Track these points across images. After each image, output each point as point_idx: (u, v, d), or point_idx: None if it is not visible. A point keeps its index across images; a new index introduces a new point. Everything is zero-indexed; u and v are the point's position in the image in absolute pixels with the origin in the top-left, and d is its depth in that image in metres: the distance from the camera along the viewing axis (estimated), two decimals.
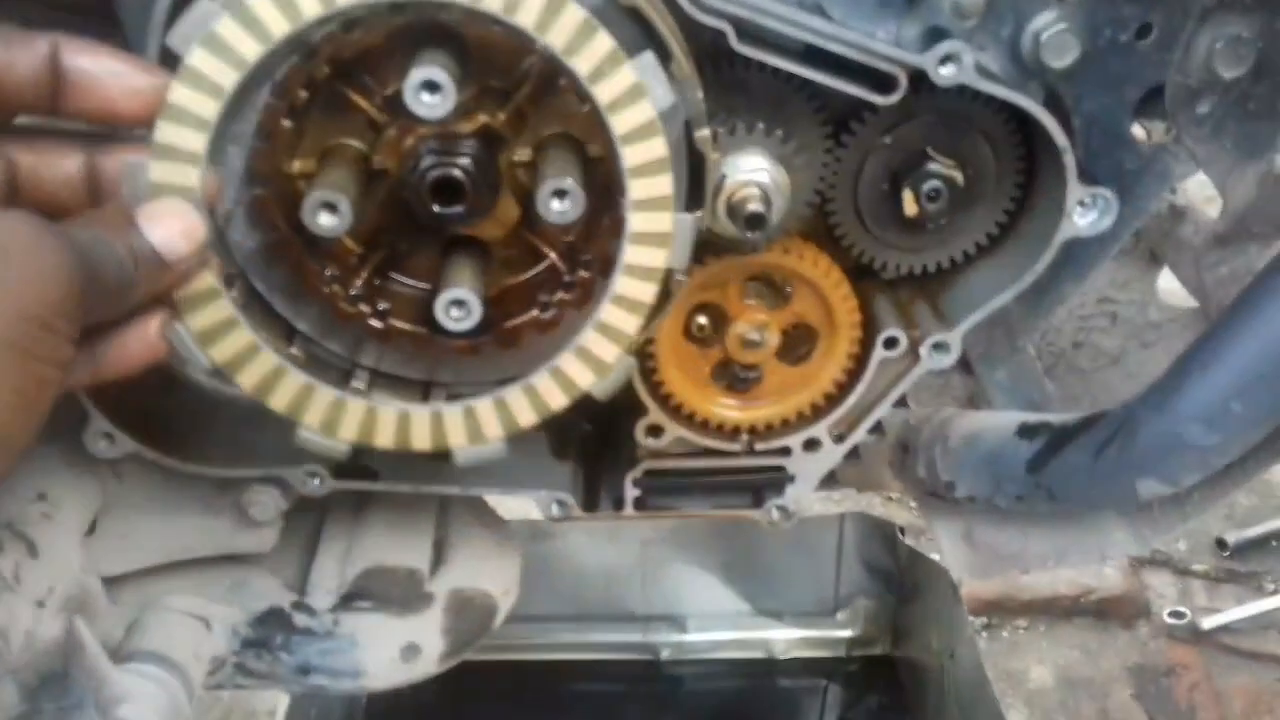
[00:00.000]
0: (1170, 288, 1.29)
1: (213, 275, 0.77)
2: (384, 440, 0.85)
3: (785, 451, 1.10)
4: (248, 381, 0.81)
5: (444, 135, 0.81)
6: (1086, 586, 2.71)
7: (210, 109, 0.73)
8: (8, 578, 0.91)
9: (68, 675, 0.95)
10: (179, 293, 0.76)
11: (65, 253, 0.65)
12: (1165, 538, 1.12)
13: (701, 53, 0.86)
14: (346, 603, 1.12)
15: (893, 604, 2.44)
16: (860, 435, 1.09)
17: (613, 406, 1.13)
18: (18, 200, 0.72)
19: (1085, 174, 0.93)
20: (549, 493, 1.09)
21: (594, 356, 0.83)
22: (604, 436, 1.16)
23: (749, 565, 2.43)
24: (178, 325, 0.77)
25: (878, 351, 1.03)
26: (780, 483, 1.12)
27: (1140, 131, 0.99)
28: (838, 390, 1.07)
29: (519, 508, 1.42)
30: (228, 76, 0.73)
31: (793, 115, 0.94)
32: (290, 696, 2.01)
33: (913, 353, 1.03)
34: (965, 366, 1.19)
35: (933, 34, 0.88)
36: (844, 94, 0.89)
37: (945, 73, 0.87)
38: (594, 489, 1.14)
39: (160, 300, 0.74)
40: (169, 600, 1.09)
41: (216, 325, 0.79)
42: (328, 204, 0.76)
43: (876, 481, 1.24)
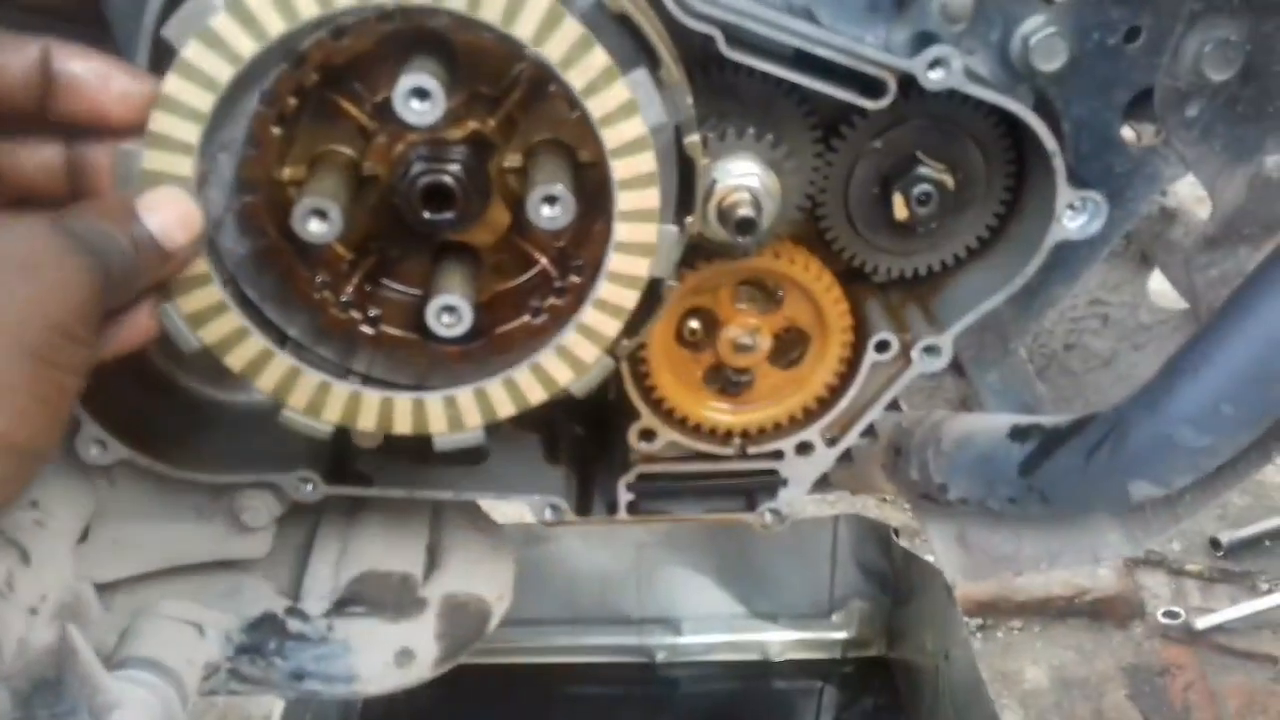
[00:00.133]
0: (1161, 290, 1.29)
1: (204, 260, 0.78)
2: (366, 423, 0.86)
3: (778, 455, 1.10)
4: (236, 362, 0.83)
5: (434, 142, 0.81)
6: (1081, 587, 2.72)
7: (204, 101, 0.74)
8: (0, 585, 0.91)
9: (61, 682, 0.95)
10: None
11: (86, 261, 0.66)
12: (1158, 539, 1.13)
13: (691, 58, 0.86)
14: (340, 608, 1.12)
15: (887, 606, 2.44)
16: (852, 438, 1.09)
17: (605, 411, 1.14)
18: None
19: (1075, 177, 0.94)
20: (542, 497, 1.09)
21: (574, 356, 0.84)
22: (597, 441, 1.17)
23: (744, 568, 2.43)
24: (168, 306, 0.78)
25: (869, 355, 1.03)
26: (773, 486, 1.12)
27: (1130, 134, 1.00)
28: (830, 394, 1.07)
29: (513, 512, 1.42)
30: (222, 71, 0.73)
31: (783, 120, 0.94)
32: (285, 702, 2.01)
33: (904, 356, 1.03)
34: (957, 369, 1.19)
35: (922, 38, 0.88)
36: (834, 99, 0.89)
37: (934, 77, 0.87)
38: (587, 493, 1.14)
39: (154, 286, 0.74)
40: (162, 606, 1.09)
41: (207, 309, 0.80)
42: (318, 211, 0.77)
43: (869, 484, 1.24)
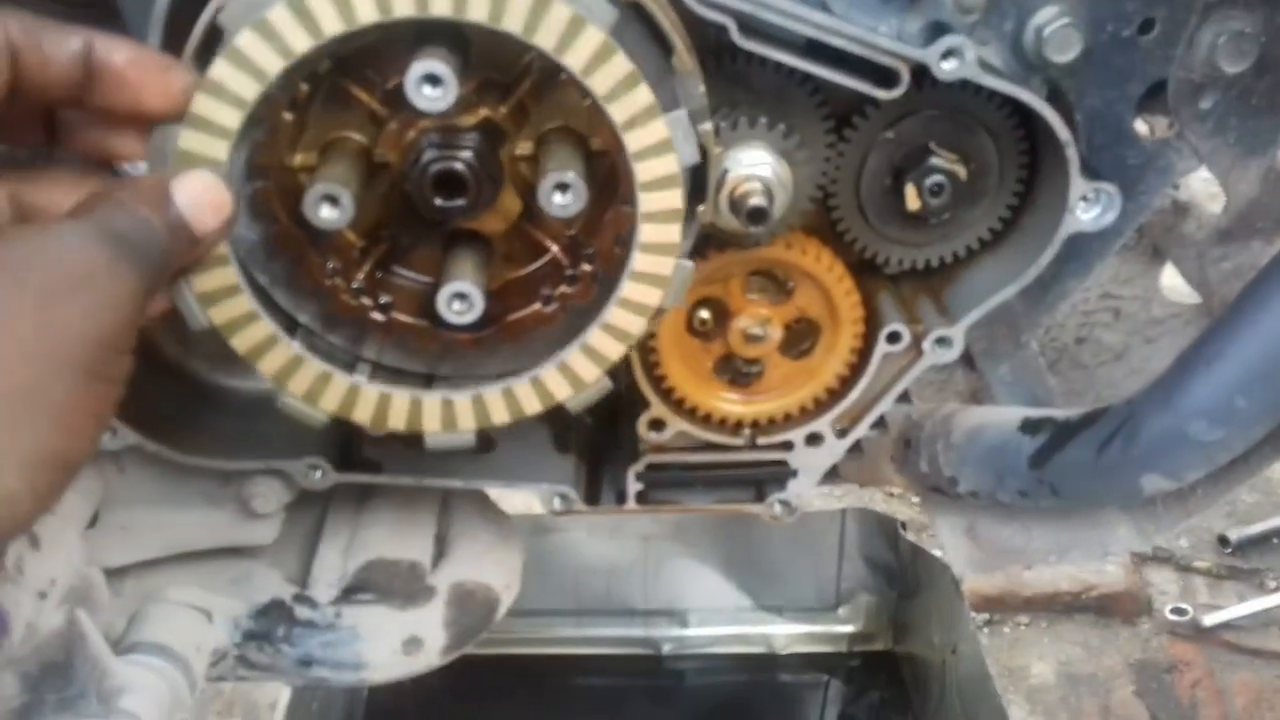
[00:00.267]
0: (1173, 284, 1.29)
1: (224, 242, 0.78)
2: (362, 416, 0.86)
3: (787, 446, 1.10)
4: (241, 345, 0.82)
5: (445, 129, 0.81)
6: (1088, 583, 2.71)
7: (250, 90, 0.73)
8: (10, 569, 0.91)
9: (70, 666, 0.95)
10: None
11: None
12: (1168, 533, 1.12)
13: (704, 47, 0.86)
14: (348, 595, 1.12)
15: (894, 600, 2.44)
16: (863, 430, 1.09)
17: (615, 401, 1.14)
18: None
19: (1088, 169, 0.93)
20: (551, 486, 1.09)
21: (599, 354, 0.84)
22: (606, 431, 1.16)
23: (751, 561, 2.43)
24: (181, 284, 0.77)
25: (880, 346, 1.03)
26: (782, 477, 1.12)
27: (1143, 127, 0.99)
28: (840, 385, 1.07)
29: (521, 502, 1.42)
30: (272, 63, 0.73)
31: (795, 109, 0.93)
32: (292, 689, 2.02)
33: (915, 347, 1.03)
34: (968, 362, 1.18)
35: (935, 28, 0.88)
36: (846, 88, 0.89)
37: (948, 67, 0.86)
38: (596, 483, 1.14)
39: (181, 270, 0.74)
40: (171, 592, 1.09)
41: (219, 289, 0.80)
42: (329, 197, 0.76)
43: (879, 476, 1.24)
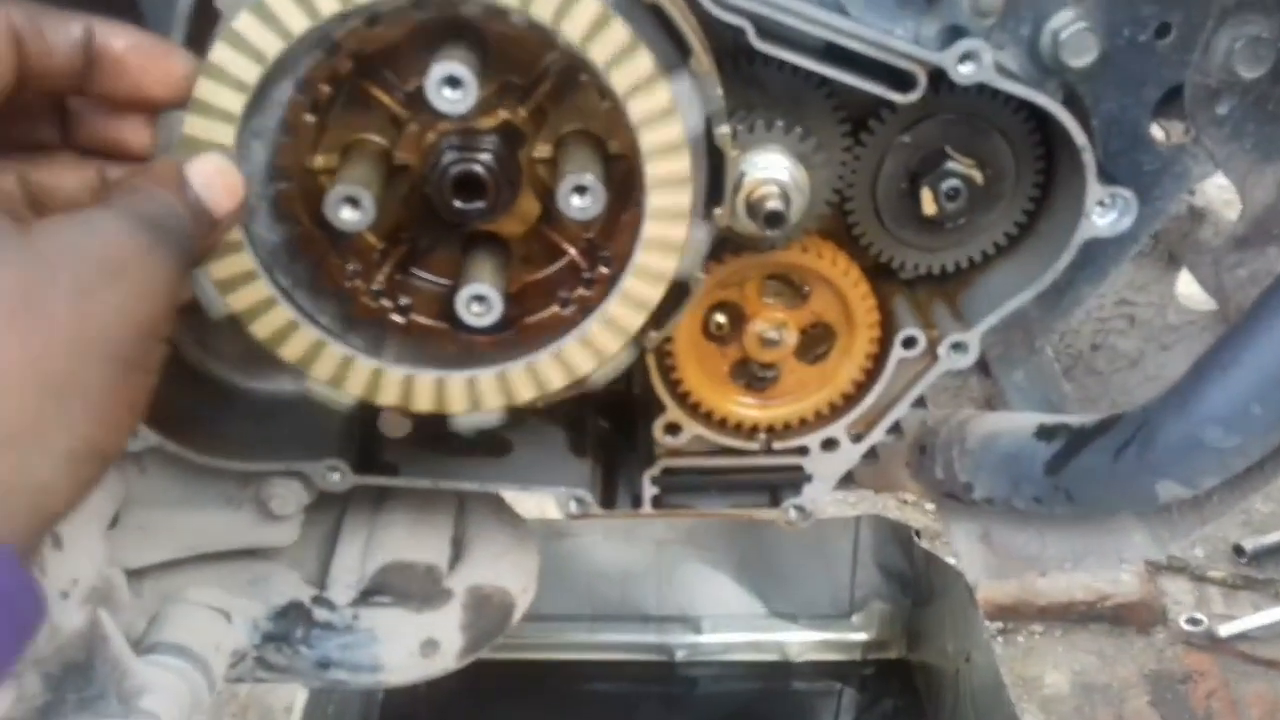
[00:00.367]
0: (1189, 291, 1.29)
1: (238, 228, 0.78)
2: (387, 398, 0.86)
3: (803, 451, 1.10)
4: (261, 331, 0.83)
5: (465, 131, 0.81)
6: (1103, 592, 2.70)
7: (250, 73, 0.74)
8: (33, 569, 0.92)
9: (91, 666, 0.96)
10: None
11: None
12: (1183, 540, 1.12)
13: (721, 49, 0.86)
14: (366, 598, 1.13)
15: (908, 608, 2.44)
16: (878, 435, 1.09)
17: (631, 404, 1.14)
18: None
19: (1104, 174, 0.93)
20: (567, 490, 1.10)
21: (596, 346, 0.85)
22: (622, 434, 1.17)
23: (764, 567, 2.43)
24: (198, 272, 0.78)
25: (896, 351, 1.03)
26: (798, 482, 1.12)
27: (1159, 132, 0.99)
28: (856, 390, 1.07)
29: (535, 506, 1.42)
30: (271, 45, 0.74)
31: (812, 113, 0.94)
32: (309, 691, 2.03)
33: (931, 353, 1.03)
34: (983, 368, 1.18)
35: (952, 32, 0.88)
36: (863, 92, 0.89)
37: (964, 71, 0.87)
38: (612, 487, 1.14)
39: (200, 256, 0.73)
40: (190, 593, 1.09)
41: (236, 276, 0.80)
42: (350, 199, 0.77)
43: (893, 482, 1.24)
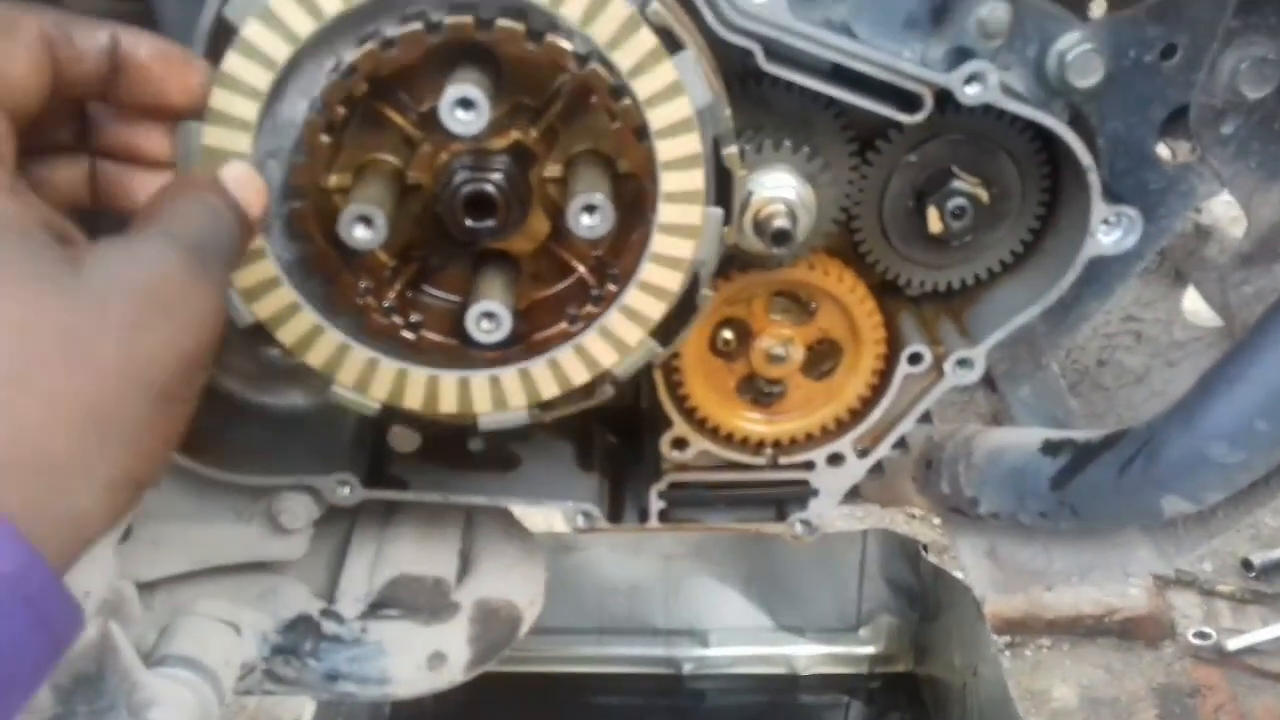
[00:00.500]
0: (1195, 307, 1.29)
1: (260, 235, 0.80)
2: (413, 401, 0.88)
3: (809, 466, 1.10)
4: (287, 337, 0.85)
5: (477, 151, 0.82)
6: (1111, 606, 2.70)
7: (263, 80, 0.76)
8: None
9: (101, 678, 0.96)
10: None
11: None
12: (1189, 555, 1.12)
13: (729, 71, 0.87)
14: (374, 610, 1.13)
15: (915, 621, 2.43)
16: (884, 450, 1.09)
17: (638, 419, 1.15)
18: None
19: (1110, 193, 0.94)
20: (575, 504, 1.10)
21: (616, 337, 0.86)
22: (629, 449, 1.18)
23: (772, 581, 2.43)
24: None
25: (902, 367, 1.03)
26: (804, 497, 1.13)
27: (1165, 151, 1.00)
28: (862, 405, 1.08)
29: (542, 520, 1.43)
30: (280, 50, 0.76)
31: (819, 133, 0.95)
32: (317, 703, 2.03)
33: (937, 369, 1.04)
34: (989, 383, 1.19)
35: (958, 54, 0.89)
36: (870, 112, 0.90)
37: (971, 92, 0.88)
38: (619, 501, 1.15)
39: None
40: (200, 606, 1.10)
41: (260, 283, 0.82)
42: (364, 218, 0.78)
43: (900, 497, 1.24)
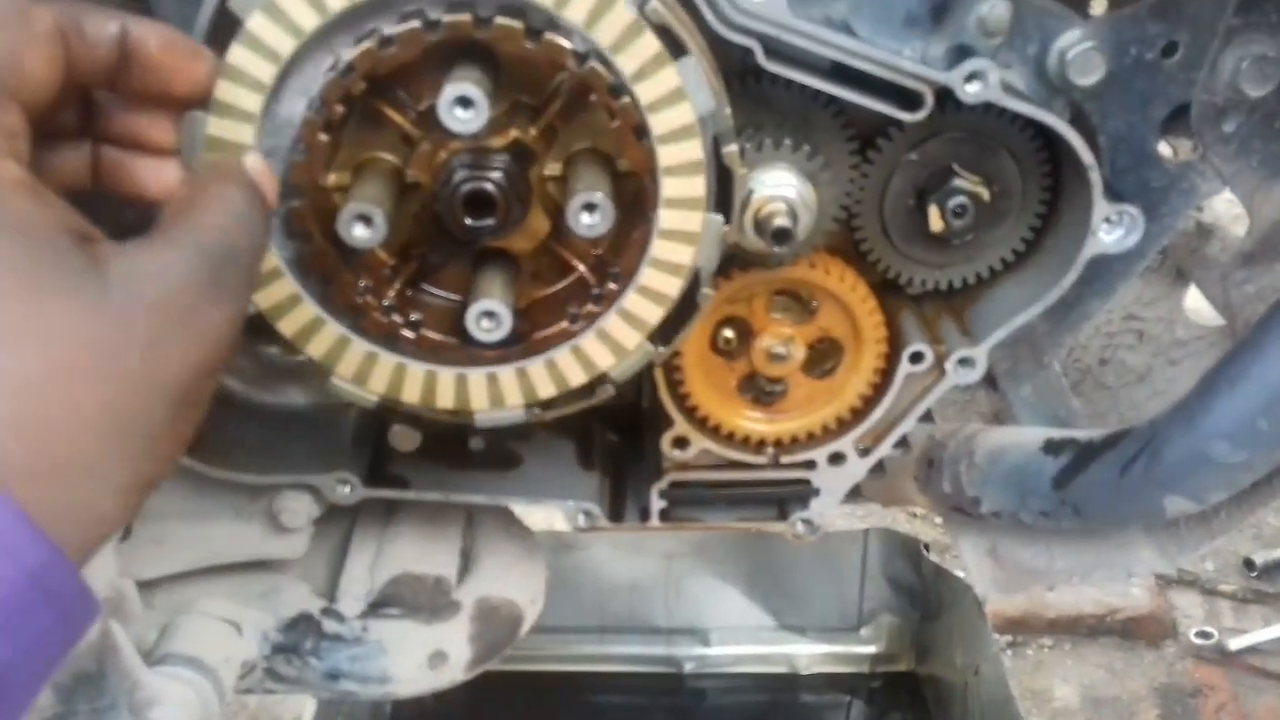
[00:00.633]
0: (1197, 306, 1.29)
1: None
2: (411, 395, 0.89)
3: (810, 465, 1.10)
4: (289, 328, 0.86)
5: (476, 150, 0.82)
6: (1113, 606, 2.70)
7: (267, 72, 0.77)
8: None
9: (102, 677, 0.96)
10: None
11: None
12: (1191, 555, 1.12)
13: (729, 69, 0.87)
14: (375, 609, 1.13)
15: (917, 620, 2.43)
16: (885, 449, 1.09)
17: (639, 418, 1.15)
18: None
19: (1111, 191, 0.94)
20: (576, 503, 1.10)
21: (614, 340, 0.87)
22: (630, 448, 1.17)
23: (773, 580, 2.43)
24: None
25: (903, 366, 1.03)
26: (805, 496, 1.12)
27: (1166, 149, 1.00)
28: (863, 404, 1.07)
29: (543, 519, 1.43)
30: (284, 43, 0.77)
31: (819, 131, 0.95)
32: (317, 702, 2.03)
33: (938, 368, 1.03)
34: (990, 382, 1.19)
35: (959, 51, 0.89)
36: (871, 111, 0.90)
37: (971, 90, 0.87)
38: (620, 500, 1.15)
39: None
40: (201, 604, 1.10)
41: (263, 274, 0.83)
42: (363, 216, 0.78)
43: (901, 496, 1.24)
